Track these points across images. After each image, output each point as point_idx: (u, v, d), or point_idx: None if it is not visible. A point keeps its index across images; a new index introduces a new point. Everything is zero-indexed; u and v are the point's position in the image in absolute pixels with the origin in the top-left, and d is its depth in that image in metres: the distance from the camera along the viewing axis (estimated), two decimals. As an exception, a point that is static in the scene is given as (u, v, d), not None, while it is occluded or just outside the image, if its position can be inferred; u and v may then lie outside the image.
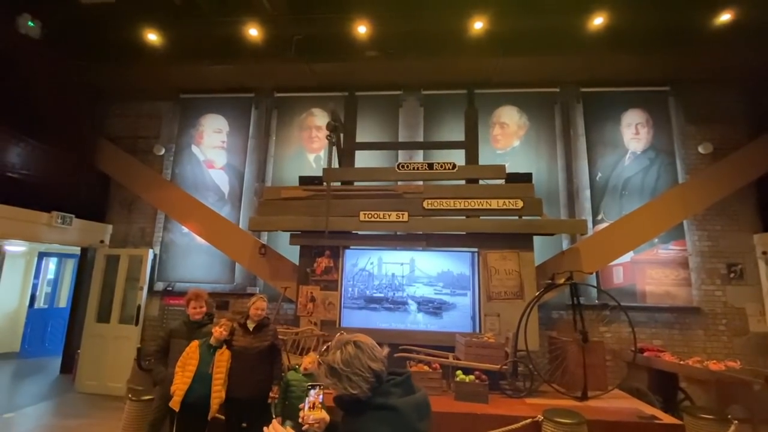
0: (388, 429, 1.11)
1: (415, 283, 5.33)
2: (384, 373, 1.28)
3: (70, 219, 6.07)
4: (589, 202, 6.33)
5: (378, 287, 5.35)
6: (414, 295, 5.29)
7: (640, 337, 5.35)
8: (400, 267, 5.39)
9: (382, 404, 1.17)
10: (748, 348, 5.70)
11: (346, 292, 5.36)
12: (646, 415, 3.42)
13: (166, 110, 7.40)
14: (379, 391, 1.23)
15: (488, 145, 6.62)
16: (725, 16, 5.14)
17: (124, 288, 6.50)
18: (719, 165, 6.00)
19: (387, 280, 5.36)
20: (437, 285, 5.29)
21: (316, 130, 6.99)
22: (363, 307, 5.31)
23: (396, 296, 5.31)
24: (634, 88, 6.55)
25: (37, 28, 5.63)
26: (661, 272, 6.01)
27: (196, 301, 3.46)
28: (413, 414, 1.20)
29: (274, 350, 3.44)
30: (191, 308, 3.46)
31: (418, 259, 5.39)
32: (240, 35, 5.87)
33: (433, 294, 5.27)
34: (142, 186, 6.82)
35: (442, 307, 5.22)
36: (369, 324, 5.19)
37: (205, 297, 3.52)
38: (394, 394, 1.24)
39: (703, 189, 5.87)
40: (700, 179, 5.99)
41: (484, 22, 5.45)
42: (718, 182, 5.87)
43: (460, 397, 3.78)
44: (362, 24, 5.62)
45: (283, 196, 5.60)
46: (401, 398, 1.23)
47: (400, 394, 1.26)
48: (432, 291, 5.28)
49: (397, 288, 5.33)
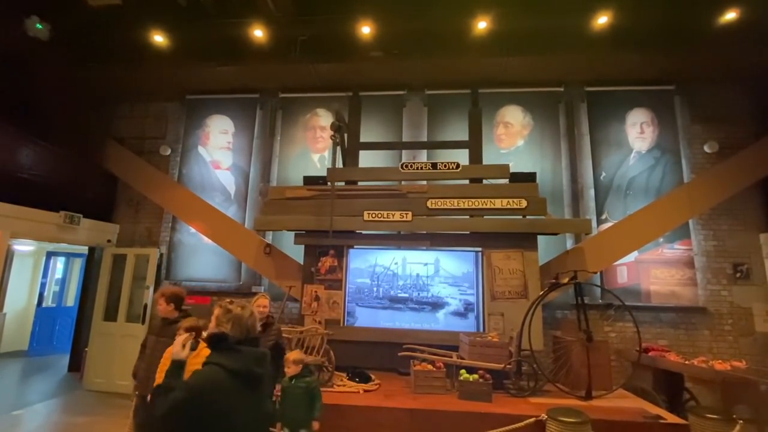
0: (233, 361, 1.82)
1: (440, 283, 5.34)
2: (247, 335, 1.96)
3: (78, 219, 6.15)
4: (594, 202, 6.32)
5: (402, 287, 5.37)
6: (438, 295, 5.30)
7: (645, 336, 5.33)
8: (425, 267, 5.40)
9: (232, 347, 1.90)
10: (754, 348, 5.66)
11: (371, 292, 5.39)
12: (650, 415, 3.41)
13: (173, 111, 7.47)
14: (238, 341, 1.93)
15: (492, 144, 6.62)
16: (730, 14, 5.11)
17: (131, 287, 6.56)
18: (725, 164, 5.96)
19: (411, 280, 5.37)
20: (462, 285, 5.30)
21: (320, 130, 7.03)
22: (387, 307, 5.33)
23: (421, 296, 5.32)
24: (638, 87, 6.53)
25: (46, 30, 5.71)
26: (667, 272, 5.98)
27: (162, 298, 3.43)
28: (251, 358, 1.90)
29: (278, 349, 3.45)
30: (158, 305, 3.46)
31: (442, 259, 5.40)
32: (245, 36, 5.92)
33: (458, 294, 5.28)
34: (149, 186, 6.89)
35: (468, 308, 5.23)
36: (376, 323, 5.22)
37: (169, 294, 3.44)
38: (244, 347, 1.93)
39: (708, 188, 5.84)
40: (706, 178, 5.96)
41: (488, 21, 5.46)
42: (724, 181, 5.84)
43: (464, 396, 3.79)
44: (366, 24, 5.65)
45: (287, 196, 5.64)
46: (245, 347, 1.92)
47: (246, 347, 1.93)
48: (457, 291, 5.29)
49: (422, 288, 5.34)
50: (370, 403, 3.65)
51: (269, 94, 7.21)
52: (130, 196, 7.16)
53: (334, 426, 3.46)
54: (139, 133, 7.43)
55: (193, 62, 6.44)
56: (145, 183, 6.92)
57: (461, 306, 5.23)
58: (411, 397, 3.86)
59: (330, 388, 4.03)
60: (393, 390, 4.08)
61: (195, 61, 6.41)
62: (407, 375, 4.41)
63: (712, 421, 3.14)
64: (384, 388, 4.14)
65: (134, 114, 7.54)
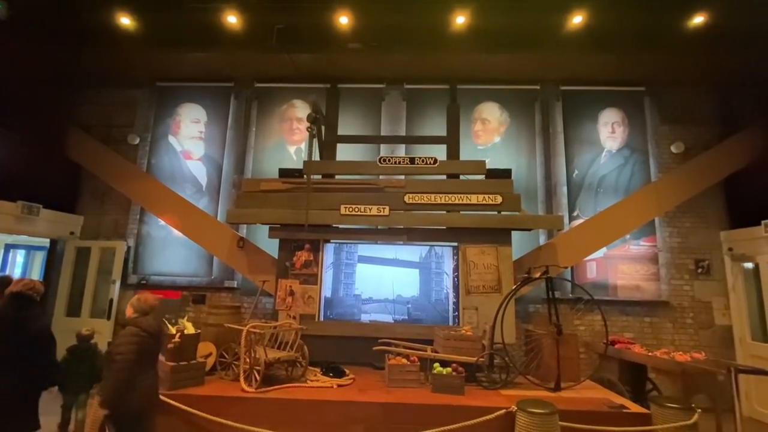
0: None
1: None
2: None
3: (37, 209, 5.83)
4: (566, 199, 6.47)
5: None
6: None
7: (611, 329, 5.51)
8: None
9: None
10: (713, 340, 5.95)
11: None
12: (615, 405, 3.53)
13: (142, 98, 7.16)
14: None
15: (469, 140, 6.67)
16: (698, 18, 5.29)
17: (96, 281, 6.30)
18: (690, 164, 6.21)
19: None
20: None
21: (297, 122, 6.90)
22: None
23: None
24: (611, 87, 6.70)
25: (4, 10, 5.34)
26: (632, 267, 6.20)
27: None
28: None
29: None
30: None
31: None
32: (219, 22, 5.70)
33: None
34: (116, 176, 6.59)
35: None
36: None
37: None
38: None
39: (674, 187, 6.07)
40: (672, 178, 6.19)
41: (466, 16, 5.46)
42: (688, 181, 6.08)
43: (437, 389, 3.82)
44: (345, 15, 5.54)
45: (262, 189, 5.51)
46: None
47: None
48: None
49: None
50: (343, 398, 3.62)
51: (244, 83, 7.01)
52: (95, 186, 6.84)
53: (307, 421, 3.43)
54: (105, 120, 7.09)
55: (164, 47, 6.16)
56: (112, 173, 6.61)
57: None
58: (385, 391, 3.86)
59: (303, 384, 3.98)
60: (367, 384, 4.07)
61: (165, 46, 6.13)
62: (382, 369, 4.41)
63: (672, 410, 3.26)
64: (358, 383, 4.12)
65: (100, 100, 7.18)
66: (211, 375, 4.09)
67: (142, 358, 2.81)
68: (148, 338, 2.87)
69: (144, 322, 2.93)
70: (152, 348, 2.96)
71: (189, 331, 3.95)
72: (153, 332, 2.93)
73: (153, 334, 2.93)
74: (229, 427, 3.28)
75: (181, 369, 3.67)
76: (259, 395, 3.58)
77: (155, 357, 3.06)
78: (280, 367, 4.23)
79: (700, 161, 6.17)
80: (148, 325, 2.92)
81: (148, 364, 2.94)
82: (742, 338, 5.86)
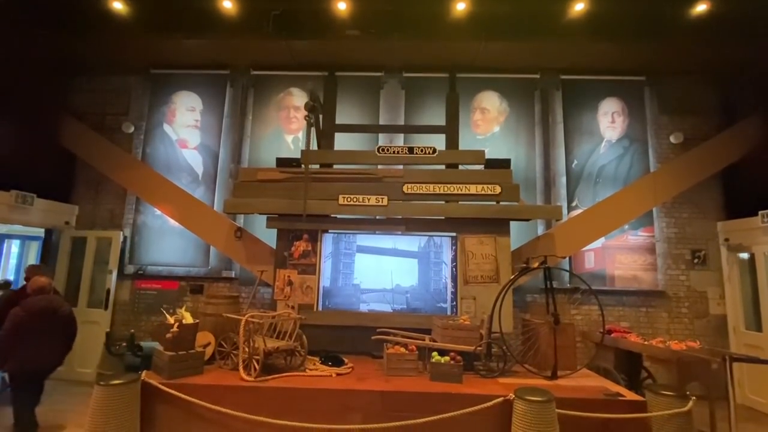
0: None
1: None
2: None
3: (31, 199, 5.76)
4: (565, 189, 6.46)
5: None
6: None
7: (608, 319, 5.56)
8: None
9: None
10: (708, 329, 6.02)
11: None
12: (611, 393, 3.57)
13: (136, 86, 7.05)
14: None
15: (468, 130, 6.62)
16: (700, 7, 5.23)
17: (92, 271, 6.27)
18: (688, 155, 6.20)
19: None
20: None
21: (294, 111, 6.82)
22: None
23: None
24: (611, 77, 6.65)
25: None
26: (630, 257, 6.23)
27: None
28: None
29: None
30: None
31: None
32: (214, 8, 5.59)
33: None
34: (111, 165, 6.50)
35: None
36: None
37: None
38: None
39: (672, 178, 6.06)
40: (670, 168, 6.18)
41: (466, 3, 5.37)
42: (686, 172, 6.07)
43: (435, 378, 3.84)
44: (343, 1, 5.44)
45: (259, 178, 5.46)
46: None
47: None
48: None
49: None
50: (342, 387, 3.64)
51: (240, 70, 6.90)
52: (90, 175, 6.75)
53: (306, 409, 3.44)
54: (99, 108, 6.98)
55: (158, 33, 6.05)
56: (107, 162, 6.52)
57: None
58: (383, 379, 3.88)
59: (302, 373, 4.00)
60: (366, 373, 4.08)
61: (160, 32, 6.01)
62: (381, 358, 4.42)
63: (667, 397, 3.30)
64: (357, 372, 4.14)
65: (93, 88, 7.06)
66: (210, 364, 4.09)
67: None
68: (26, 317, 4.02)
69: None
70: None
71: (187, 320, 3.93)
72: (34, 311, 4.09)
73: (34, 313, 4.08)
74: (228, 416, 3.29)
75: (180, 358, 3.66)
76: (258, 384, 3.59)
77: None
78: (278, 356, 4.23)
79: (699, 152, 6.16)
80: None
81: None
82: (736, 327, 5.93)
